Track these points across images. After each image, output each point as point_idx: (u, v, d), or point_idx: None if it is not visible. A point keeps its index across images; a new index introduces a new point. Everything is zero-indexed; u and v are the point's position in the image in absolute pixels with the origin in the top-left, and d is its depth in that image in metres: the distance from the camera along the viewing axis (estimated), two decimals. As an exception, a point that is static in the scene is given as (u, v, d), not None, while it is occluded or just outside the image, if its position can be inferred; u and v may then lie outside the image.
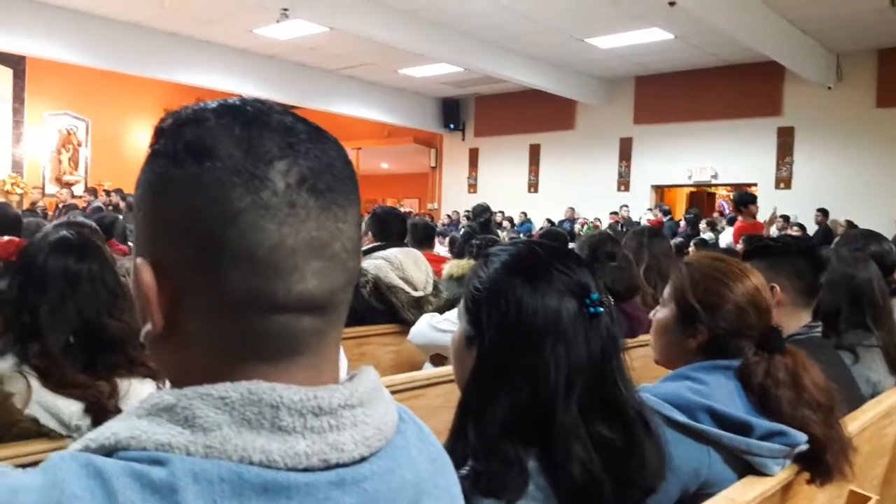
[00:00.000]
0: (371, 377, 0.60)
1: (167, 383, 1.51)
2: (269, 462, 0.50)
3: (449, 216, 13.55)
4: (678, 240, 8.44)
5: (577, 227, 11.48)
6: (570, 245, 6.01)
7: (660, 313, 1.46)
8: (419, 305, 3.00)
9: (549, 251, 1.05)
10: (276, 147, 0.54)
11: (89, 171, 14.37)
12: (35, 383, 1.38)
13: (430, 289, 3.11)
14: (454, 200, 14.98)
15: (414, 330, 2.60)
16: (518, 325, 0.98)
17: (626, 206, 12.31)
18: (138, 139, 15.21)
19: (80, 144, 14.33)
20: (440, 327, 2.48)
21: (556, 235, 4.34)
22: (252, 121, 0.55)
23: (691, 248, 7.94)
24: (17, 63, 12.87)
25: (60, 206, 10.54)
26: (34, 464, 1.23)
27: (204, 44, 10.95)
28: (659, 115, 12.42)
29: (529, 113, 13.74)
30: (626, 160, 13.14)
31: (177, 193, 0.53)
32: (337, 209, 0.55)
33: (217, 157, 0.52)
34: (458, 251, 5.14)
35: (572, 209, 13.05)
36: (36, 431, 1.37)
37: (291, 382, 0.54)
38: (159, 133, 0.57)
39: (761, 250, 1.89)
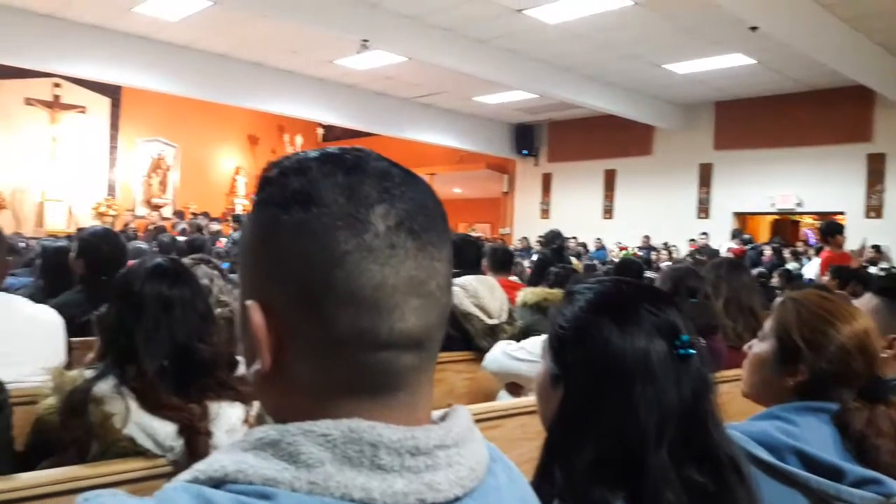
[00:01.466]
0: (464, 417, 0.61)
1: (255, 406, 1.56)
2: (368, 500, 0.51)
3: (520, 242, 13.49)
4: (761, 269, 8.15)
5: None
6: (648, 274, 5.89)
7: (757, 347, 1.40)
8: (494, 333, 3.00)
9: (636, 290, 1.04)
10: (374, 192, 0.56)
11: (177, 194, 15.04)
12: (133, 405, 1.44)
13: (504, 316, 3.11)
14: (526, 226, 14.92)
15: (489, 357, 2.60)
16: (605, 367, 0.96)
17: (706, 233, 11.98)
18: (223, 164, 15.87)
19: (168, 169, 15.05)
20: (516, 356, 2.47)
21: (631, 265, 4.26)
22: (352, 168, 0.58)
23: (775, 279, 7.65)
24: (113, 93, 13.66)
25: (150, 227, 11.06)
26: (131, 482, 1.29)
27: (286, 74, 11.36)
28: (740, 141, 12.09)
29: (605, 138, 13.61)
30: (705, 186, 12.82)
31: (285, 238, 0.56)
32: (432, 248, 0.58)
33: (322, 204, 0.55)
34: (533, 279, 5.12)
35: (647, 237, 12.79)
36: (133, 451, 1.44)
37: (391, 418, 0.55)
38: (266, 182, 0.60)
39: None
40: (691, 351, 0.96)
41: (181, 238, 7.40)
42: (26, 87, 12.81)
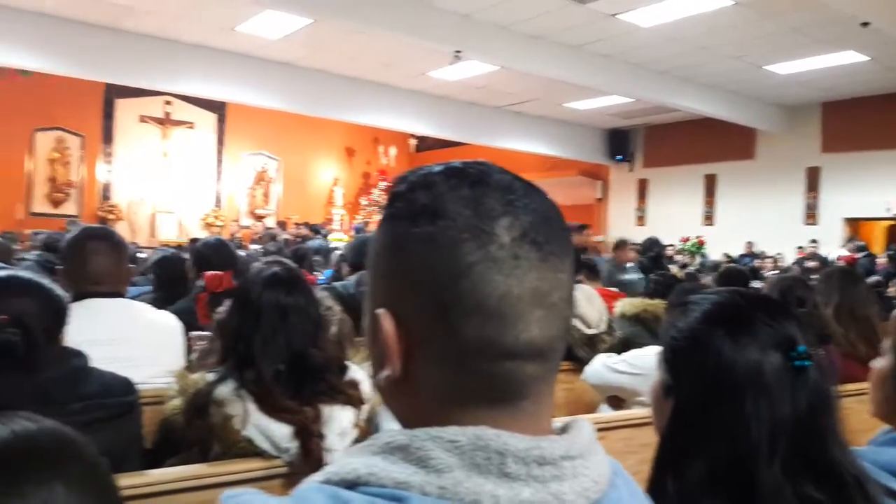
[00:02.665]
0: (588, 430, 0.62)
1: (365, 410, 1.61)
2: None
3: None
4: (876, 278, 7.65)
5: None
6: (754, 284, 5.64)
7: (879, 362, 1.33)
8: (592, 343, 2.96)
9: (753, 301, 1.01)
10: (498, 204, 0.58)
11: (280, 205, 15.65)
12: (251, 407, 1.52)
13: (603, 326, 3.06)
14: (621, 233, 14.59)
15: (588, 370, 2.57)
16: (717, 379, 0.94)
17: (815, 240, 11.36)
18: (321, 175, 16.39)
19: (271, 181, 15.69)
20: (617, 368, 2.42)
21: (737, 275, 4.09)
22: (476, 181, 0.59)
23: (892, 289, 7.17)
24: (219, 109, 14.40)
25: (255, 237, 11.55)
26: (250, 481, 1.36)
27: (381, 87, 11.62)
28: (851, 143, 11.40)
29: (704, 142, 13.16)
30: (813, 191, 12.17)
31: (414, 250, 0.58)
32: (555, 259, 0.59)
33: (449, 217, 0.57)
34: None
35: (751, 243, 12.25)
36: (251, 451, 1.51)
37: (515, 427, 0.56)
38: (394, 197, 0.62)
39: None
40: (807, 362, 0.93)
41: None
42: (141, 105, 13.69)
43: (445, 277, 0.56)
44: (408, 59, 10.11)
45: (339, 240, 10.89)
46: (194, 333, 2.24)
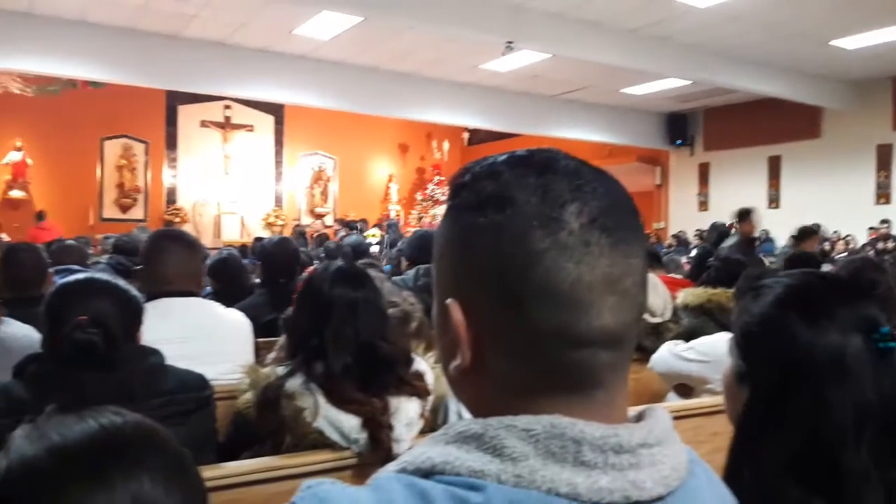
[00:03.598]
0: (664, 417, 0.61)
1: (430, 401, 1.62)
2: (574, 495, 0.52)
3: (676, 237, 12.93)
4: (958, 258, 7.27)
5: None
6: (824, 267, 5.43)
7: None
8: (657, 332, 2.91)
9: (828, 282, 0.98)
10: (566, 191, 0.57)
11: (337, 203, 15.89)
12: (321, 399, 1.55)
13: (668, 314, 3.00)
14: (682, 219, 14.29)
15: (656, 357, 2.53)
16: (794, 364, 0.92)
17: (887, 220, 10.87)
18: (377, 173, 16.57)
19: (329, 180, 15.95)
20: (685, 356, 2.38)
21: (806, 258, 3.95)
22: (543, 168, 0.59)
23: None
24: (277, 111, 14.70)
25: (315, 235, 11.76)
26: (322, 472, 1.39)
27: (432, 82, 11.65)
28: (926, 117, 10.86)
29: (767, 123, 12.73)
30: (884, 170, 11.63)
31: (482, 240, 0.58)
32: (625, 245, 0.58)
33: (517, 205, 0.57)
34: (694, 273, 4.89)
35: (818, 226, 11.80)
36: (322, 443, 1.55)
37: (589, 415, 0.56)
38: (459, 188, 0.62)
39: None
40: (891, 344, 0.90)
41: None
42: (202, 110, 14.09)
43: (514, 266, 0.56)
44: (458, 52, 10.10)
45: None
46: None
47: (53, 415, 0.70)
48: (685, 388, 2.47)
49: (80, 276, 1.59)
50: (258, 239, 8.33)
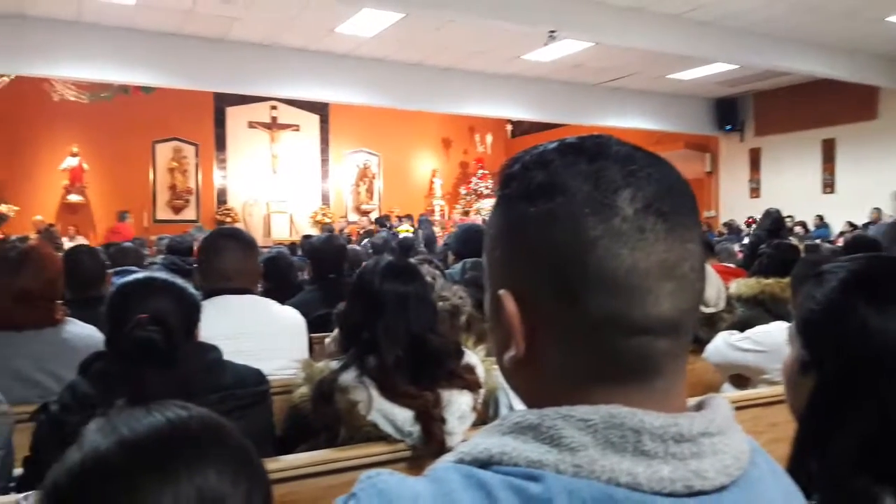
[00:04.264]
0: (725, 406, 0.59)
1: (482, 394, 1.62)
2: (635, 484, 0.51)
3: (727, 225, 12.64)
4: None
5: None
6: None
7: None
8: (711, 322, 2.85)
9: (894, 265, 0.95)
10: (619, 176, 0.56)
11: (382, 199, 16.02)
12: (374, 393, 1.57)
13: (722, 304, 2.94)
14: (734, 207, 13.97)
15: (710, 348, 2.48)
16: (863, 351, 0.88)
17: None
18: (420, 168, 16.63)
19: (373, 177, 16.10)
20: (741, 346, 2.33)
21: (868, 243, 3.82)
22: (595, 155, 0.58)
23: None
24: (321, 110, 14.88)
25: (361, 231, 11.89)
26: (376, 464, 1.40)
27: (474, 75, 11.62)
28: None
29: (820, 105, 12.34)
30: (946, 150, 11.17)
31: (534, 229, 0.57)
32: (682, 230, 0.57)
33: (569, 192, 0.56)
34: (747, 262, 4.77)
35: (878, 210, 11.40)
36: (376, 435, 1.56)
37: (647, 405, 0.55)
38: (509, 178, 0.62)
39: None
40: None
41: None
42: (249, 112, 14.36)
43: (568, 254, 0.55)
44: (500, 44, 10.05)
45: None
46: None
47: (123, 409, 0.72)
48: (741, 379, 2.42)
49: (140, 275, 1.64)
50: (307, 237, 8.47)
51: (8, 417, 1.38)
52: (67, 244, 8.72)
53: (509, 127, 16.63)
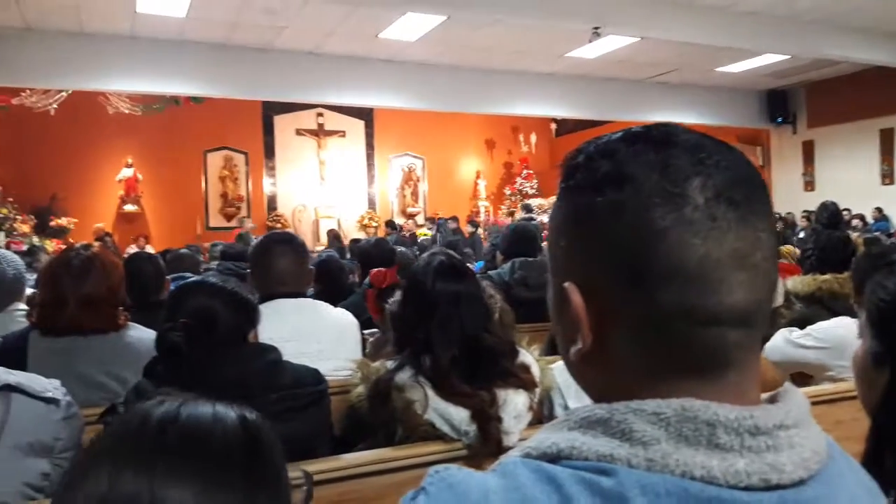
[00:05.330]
0: (800, 398, 0.58)
1: (537, 393, 1.61)
2: (710, 478, 0.50)
3: (783, 218, 12.29)
4: None
5: None
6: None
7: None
8: (770, 319, 2.77)
9: None
10: (688, 165, 0.55)
11: (427, 202, 16.08)
12: (430, 392, 1.58)
13: (780, 300, 2.86)
14: (787, 201, 13.57)
15: (770, 345, 2.41)
16: None
17: None
18: (464, 170, 16.64)
19: (418, 180, 16.19)
20: (802, 343, 2.26)
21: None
22: (662, 144, 0.57)
23: None
24: (366, 115, 15.02)
25: (407, 234, 11.96)
26: (434, 463, 1.40)
27: (517, 74, 11.57)
28: None
29: (876, 94, 11.89)
30: None
31: (601, 220, 0.57)
32: (754, 219, 0.56)
33: (636, 182, 0.55)
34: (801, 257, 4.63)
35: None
36: (433, 435, 1.57)
37: (720, 397, 0.54)
38: (573, 169, 0.61)
39: None
40: None
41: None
42: (296, 119, 14.60)
43: (637, 245, 0.55)
44: (543, 42, 9.99)
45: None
46: (367, 331, 2.36)
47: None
48: (802, 377, 2.35)
49: (195, 278, 1.68)
50: (355, 240, 8.57)
51: (78, 419, 1.43)
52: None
53: (553, 126, 16.52)
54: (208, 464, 0.64)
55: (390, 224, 12.67)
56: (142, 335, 2.15)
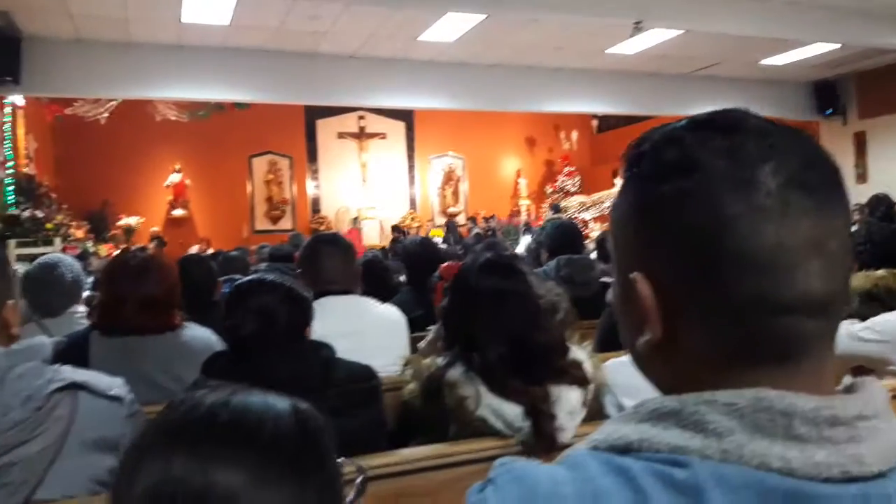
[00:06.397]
0: (879, 389, 0.56)
1: (591, 390, 1.58)
2: (788, 470, 0.50)
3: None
4: None
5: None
6: None
7: None
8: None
9: None
10: (758, 150, 0.54)
11: (468, 202, 16.09)
12: (482, 388, 1.58)
13: (838, 294, 2.77)
14: (838, 194, 13.19)
15: (829, 339, 2.35)
16: None
17: None
18: (505, 169, 16.59)
19: (459, 180, 16.19)
20: (863, 336, 2.20)
21: None
22: (729, 129, 0.56)
23: None
24: (407, 117, 15.10)
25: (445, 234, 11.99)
26: (488, 459, 1.41)
27: (556, 71, 11.48)
28: None
29: (933, 82, 11.50)
30: None
31: (668, 209, 0.56)
32: (829, 204, 0.55)
33: (704, 169, 0.55)
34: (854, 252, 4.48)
35: None
36: (486, 431, 1.57)
37: (795, 388, 0.53)
38: (638, 158, 0.61)
39: None
40: None
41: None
42: (338, 123, 14.75)
43: (707, 233, 0.54)
44: (583, 39, 9.90)
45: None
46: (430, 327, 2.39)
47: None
48: (863, 371, 2.29)
49: (252, 276, 1.71)
50: (395, 240, 8.65)
51: (141, 416, 1.47)
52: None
53: (595, 122, 16.35)
54: (259, 450, 0.65)
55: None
56: (197, 334, 2.20)
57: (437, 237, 11.42)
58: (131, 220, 12.44)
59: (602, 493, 0.51)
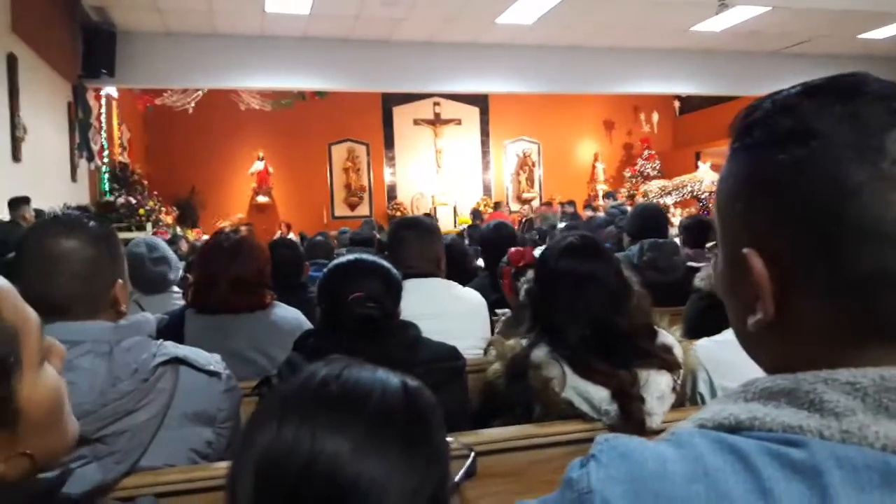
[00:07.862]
0: None
1: (680, 374, 1.54)
2: None
3: None
4: None
5: None
6: None
7: None
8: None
9: None
10: (884, 115, 0.52)
11: (542, 187, 15.94)
12: (567, 370, 1.56)
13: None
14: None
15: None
16: None
17: None
18: (581, 153, 16.33)
19: (534, 165, 16.05)
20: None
21: None
22: (850, 94, 0.53)
23: None
24: (481, 102, 15.07)
25: (522, 220, 11.90)
26: (574, 442, 1.39)
27: (638, 52, 11.19)
28: None
29: None
30: None
31: (784, 179, 0.54)
32: None
33: (823, 136, 0.52)
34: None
35: None
36: (571, 413, 1.55)
37: None
38: (749, 126, 0.58)
39: None
40: None
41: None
42: (413, 110, 14.87)
43: (827, 204, 0.51)
44: (666, 17, 9.60)
45: (465, 221, 10.98)
46: (500, 311, 2.38)
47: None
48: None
49: (351, 257, 1.75)
50: (472, 226, 8.66)
51: (237, 391, 1.52)
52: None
53: (677, 104, 15.86)
54: (365, 419, 0.68)
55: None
56: (286, 314, 2.27)
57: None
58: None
59: (713, 472, 0.50)
